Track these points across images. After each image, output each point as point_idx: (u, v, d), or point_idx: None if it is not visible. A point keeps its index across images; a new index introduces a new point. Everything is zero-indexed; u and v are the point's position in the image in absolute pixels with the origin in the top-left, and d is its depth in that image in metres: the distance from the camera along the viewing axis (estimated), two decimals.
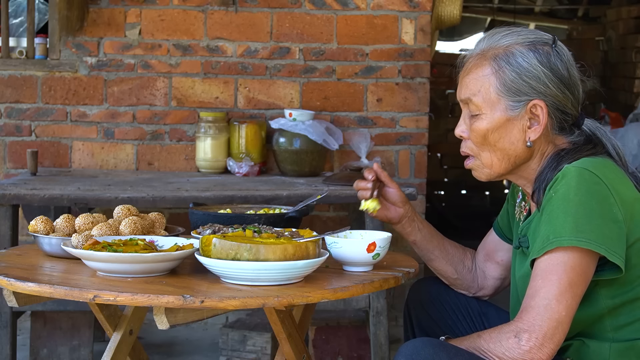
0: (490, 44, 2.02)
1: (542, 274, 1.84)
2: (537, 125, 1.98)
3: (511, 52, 1.98)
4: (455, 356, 1.84)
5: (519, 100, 1.97)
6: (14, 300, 2.13)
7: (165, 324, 1.89)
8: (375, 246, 2.12)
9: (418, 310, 2.37)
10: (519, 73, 1.96)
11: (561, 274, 1.83)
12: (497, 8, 8.46)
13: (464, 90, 2.04)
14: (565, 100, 1.99)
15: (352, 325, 3.91)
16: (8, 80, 4.37)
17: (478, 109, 2.00)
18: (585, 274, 1.85)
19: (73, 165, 4.41)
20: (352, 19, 4.43)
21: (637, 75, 6.90)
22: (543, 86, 1.96)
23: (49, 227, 2.32)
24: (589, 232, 1.83)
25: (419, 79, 4.46)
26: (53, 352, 3.71)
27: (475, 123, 2.01)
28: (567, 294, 1.82)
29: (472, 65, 2.03)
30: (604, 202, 1.86)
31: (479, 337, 1.89)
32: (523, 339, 1.80)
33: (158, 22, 4.40)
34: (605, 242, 1.83)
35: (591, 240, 1.82)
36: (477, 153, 2.05)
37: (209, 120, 4.24)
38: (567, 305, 1.82)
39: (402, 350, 1.86)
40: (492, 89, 1.98)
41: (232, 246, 1.94)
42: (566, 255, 1.83)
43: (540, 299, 1.82)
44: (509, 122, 1.99)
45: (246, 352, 3.81)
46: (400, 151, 4.48)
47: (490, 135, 2.00)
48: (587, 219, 1.84)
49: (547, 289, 1.82)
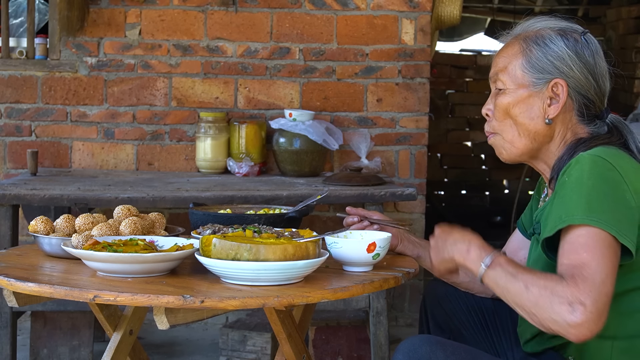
0: (524, 28, 2.14)
1: (585, 247, 1.80)
2: (557, 104, 2.05)
3: (541, 34, 2.09)
4: (452, 354, 1.85)
5: (542, 77, 2.05)
6: (14, 300, 2.13)
7: (165, 324, 1.89)
8: (375, 246, 2.12)
9: (434, 305, 2.40)
10: (544, 52, 2.06)
11: (604, 250, 1.80)
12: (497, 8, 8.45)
13: (493, 68, 2.14)
14: (588, 86, 2.06)
15: (352, 325, 3.92)
16: (8, 80, 4.37)
17: (503, 84, 2.09)
18: (613, 249, 1.83)
19: (73, 166, 4.41)
20: (352, 19, 4.43)
21: (637, 75, 6.90)
22: (566, 67, 2.04)
23: (49, 227, 2.32)
24: (601, 212, 1.83)
25: (419, 79, 4.46)
26: (53, 352, 3.72)
27: (500, 98, 2.10)
28: (614, 274, 1.81)
29: (504, 46, 2.14)
30: (617, 188, 1.87)
31: (532, 280, 1.82)
32: (578, 311, 1.74)
33: (158, 22, 4.40)
34: (617, 224, 1.83)
35: (602, 220, 1.82)
36: (500, 129, 2.11)
37: (209, 120, 4.24)
38: (613, 285, 1.80)
39: (400, 348, 1.88)
40: (518, 66, 2.07)
41: (232, 246, 1.95)
42: (592, 232, 1.82)
43: (594, 272, 1.78)
44: (531, 98, 2.06)
45: (246, 352, 3.81)
46: (400, 151, 4.48)
47: (512, 109, 2.08)
48: (600, 202, 1.84)
49: (598, 263, 1.79)
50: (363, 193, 3.66)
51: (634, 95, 6.85)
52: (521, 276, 1.84)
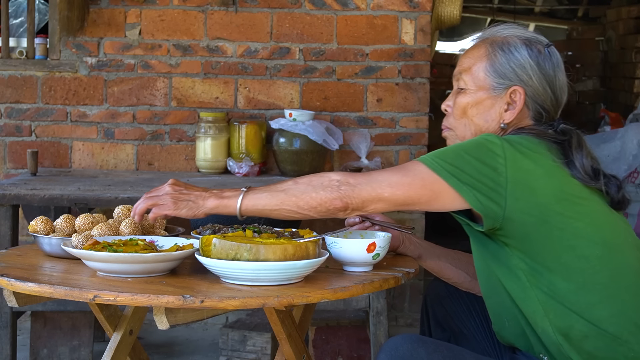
0: (492, 33, 2.20)
1: (393, 168, 1.99)
2: (513, 110, 2.12)
3: (507, 41, 2.15)
4: (434, 352, 1.87)
5: (502, 83, 2.13)
6: (14, 300, 2.13)
7: (165, 324, 1.89)
8: (375, 246, 2.12)
9: (435, 304, 2.43)
10: (508, 59, 2.12)
11: (410, 175, 1.95)
12: (497, 8, 8.46)
13: (458, 67, 2.21)
14: (545, 96, 2.13)
15: (352, 325, 3.92)
16: (8, 80, 4.37)
17: (465, 84, 2.17)
18: (439, 196, 1.95)
19: (73, 166, 4.41)
20: (352, 19, 4.43)
21: (637, 75, 6.90)
22: (526, 76, 2.11)
23: (49, 227, 2.32)
24: (448, 163, 1.94)
25: (419, 79, 4.46)
26: (53, 352, 3.72)
27: (459, 97, 2.18)
28: (404, 192, 1.95)
29: (471, 48, 2.21)
30: (488, 152, 1.94)
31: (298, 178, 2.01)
32: (342, 186, 1.95)
33: (158, 22, 4.40)
34: (461, 176, 1.93)
35: (443, 168, 1.93)
36: (455, 126, 2.20)
37: (209, 120, 4.24)
38: (395, 195, 1.95)
39: (384, 347, 1.91)
40: (482, 68, 2.15)
41: (232, 246, 1.95)
42: (422, 168, 1.96)
43: (378, 174, 1.98)
44: (489, 101, 2.14)
45: (246, 352, 3.81)
46: (400, 151, 4.48)
47: (469, 110, 2.16)
48: (455, 154, 1.96)
49: (391, 174, 1.97)
50: None
51: (634, 95, 6.85)
52: (285, 183, 2.02)
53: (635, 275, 2.00)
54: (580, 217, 1.97)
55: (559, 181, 1.98)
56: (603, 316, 1.95)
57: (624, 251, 2.01)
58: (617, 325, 1.95)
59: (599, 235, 1.98)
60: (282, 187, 2.00)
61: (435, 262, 2.37)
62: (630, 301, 1.97)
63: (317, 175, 2.00)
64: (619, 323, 1.95)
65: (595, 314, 1.95)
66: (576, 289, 1.95)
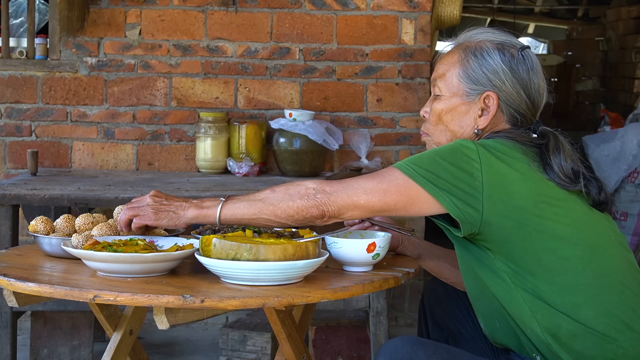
0: (466, 38, 2.21)
1: (367, 176, 2.01)
2: (487, 115, 2.13)
3: (480, 46, 2.15)
4: (433, 354, 1.87)
5: (475, 89, 2.13)
6: (14, 300, 2.13)
7: (165, 324, 1.89)
8: (375, 246, 2.12)
9: (433, 304, 2.44)
10: (480, 64, 2.13)
11: (385, 182, 1.97)
12: (497, 8, 8.46)
13: (434, 73, 2.22)
14: (520, 101, 2.13)
15: (352, 325, 3.92)
16: (8, 80, 4.37)
17: (440, 90, 2.18)
18: (415, 202, 1.96)
19: (73, 166, 4.41)
20: (352, 19, 4.43)
21: (637, 75, 6.90)
22: (499, 81, 2.12)
23: (49, 227, 2.32)
24: (423, 169, 1.95)
25: (419, 79, 4.46)
26: (53, 352, 3.72)
27: (435, 103, 2.19)
28: (380, 199, 1.97)
29: (446, 53, 2.22)
30: (463, 157, 1.95)
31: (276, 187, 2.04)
32: (319, 193, 1.98)
33: (158, 23, 4.40)
34: (437, 181, 1.94)
35: (419, 174, 1.95)
36: (431, 132, 2.21)
37: (209, 120, 4.24)
38: (370, 203, 1.97)
39: (382, 350, 1.91)
40: (455, 75, 2.16)
41: (232, 246, 1.95)
42: (398, 174, 1.97)
43: (354, 181, 1.99)
44: (463, 107, 2.15)
45: (246, 352, 3.81)
46: (400, 151, 4.48)
47: (444, 116, 2.17)
48: (430, 160, 1.97)
49: (367, 182, 1.99)
50: None
51: (633, 95, 6.85)
52: (262, 192, 2.04)
53: (620, 273, 2.00)
54: (559, 218, 1.97)
55: (535, 184, 1.98)
56: (589, 315, 1.95)
57: (607, 250, 2.01)
58: (604, 324, 1.95)
59: (579, 236, 1.98)
60: (260, 196, 2.03)
61: (434, 262, 2.37)
62: (616, 299, 1.97)
63: (294, 184, 2.03)
64: (606, 322, 1.95)
65: (582, 313, 1.95)
66: (560, 290, 1.95)
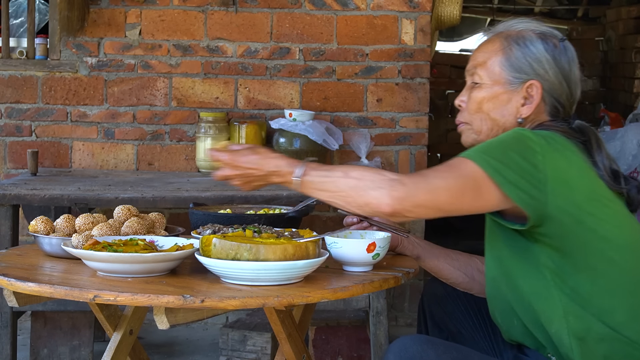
0: (506, 27, 2.18)
1: (445, 165, 1.92)
2: (530, 104, 2.10)
3: (522, 35, 2.13)
4: (443, 353, 1.86)
5: (518, 77, 2.11)
6: (14, 300, 2.13)
7: (165, 324, 1.89)
8: (375, 246, 2.12)
9: (432, 305, 2.42)
10: (524, 53, 2.11)
11: (459, 174, 1.89)
12: (496, 8, 8.45)
13: (472, 62, 2.18)
14: (561, 91, 2.11)
15: (352, 325, 3.92)
16: (8, 80, 4.37)
17: (480, 78, 2.14)
18: (483, 193, 1.89)
19: (73, 166, 4.41)
20: (352, 19, 4.43)
21: (637, 75, 6.90)
22: (543, 70, 2.10)
23: (49, 227, 2.32)
24: (493, 159, 1.89)
25: (419, 79, 4.46)
26: (53, 352, 3.72)
27: (474, 92, 2.15)
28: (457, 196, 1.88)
29: (485, 42, 2.19)
30: (527, 149, 1.91)
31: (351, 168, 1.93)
32: (395, 181, 1.86)
33: (158, 23, 4.40)
34: (506, 174, 1.88)
35: (490, 165, 1.88)
36: (470, 120, 2.17)
37: (209, 120, 4.24)
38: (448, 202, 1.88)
39: (391, 348, 1.89)
40: (497, 62, 2.12)
41: (232, 246, 1.95)
42: (469, 165, 1.90)
43: (434, 176, 1.89)
44: (505, 96, 2.12)
45: (246, 352, 3.81)
46: (400, 151, 4.48)
47: (485, 104, 2.13)
48: (499, 151, 1.91)
49: (446, 176, 1.89)
50: None
51: (633, 95, 6.85)
52: (338, 168, 1.95)
53: None
54: (609, 219, 1.95)
55: (590, 181, 1.96)
56: (622, 321, 1.93)
57: None
58: (635, 331, 1.94)
59: (624, 239, 1.96)
60: (336, 174, 1.93)
61: (433, 263, 2.37)
62: None
63: (373, 171, 1.92)
64: (637, 328, 1.94)
65: (615, 318, 1.93)
66: (599, 292, 1.94)
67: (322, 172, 1.96)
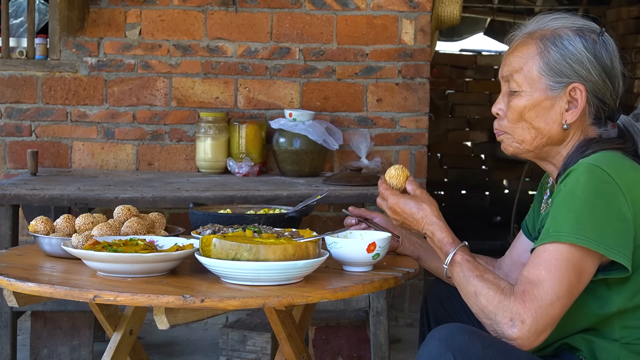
0: (539, 26, 2.05)
1: (546, 265, 1.83)
2: (575, 109, 2.00)
3: (558, 34, 2.01)
4: (489, 346, 1.81)
5: (560, 81, 1.99)
6: (14, 300, 2.13)
7: (165, 324, 1.89)
8: (375, 246, 2.12)
9: (435, 305, 2.40)
10: (563, 55, 1.99)
11: (564, 272, 1.82)
12: (497, 8, 8.45)
13: (506, 67, 2.06)
14: (605, 90, 2.01)
15: (352, 325, 3.91)
16: (8, 80, 4.37)
17: (518, 85, 2.02)
18: (585, 273, 1.84)
19: (73, 166, 4.41)
20: (352, 19, 4.43)
21: (637, 75, 6.90)
22: (585, 71, 1.98)
23: (49, 227, 2.32)
24: (590, 230, 1.82)
25: (419, 79, 4.46)
26: (53, 352, 3.72)
27: (514, 100, 2.03)
28: (568, 297, 1.83)
29: (518, 44, 2.06)
30: (612, 201, 1.84)
31: (481, 288, 1.89)
32: (516, 326, 1.81)
33: (158, 23, 4.40)
34: (606, 240, 1.82)
35: (590, 238, 1.82)
36: (512, 130, 2.06)
37: (209, 120, 4.24)
38: (564, 307, 1.83)
39: (436, 334, 1.83)
40: (535, 68, 2.00)
41: (232, 246, 1.95)
42: (569, 252, 1.83)
43: (545, 292, 1.81)
44: (547, 102, 2.00)
45: (246, 352, 3.81)
46: (400, 151, 4.48)
47: (527, 113, 2.02)
48: (590, 217, 1.83)
49: (553, 284, 1.81)
50: (363, 193, 3.66)
51: (634, 95, 6.85)
52: (473, 281, 1.91)
53: None
54: None
55: None
56: None
57: None
58: None
59: None
60: (473, 282, 1.92)
61: (435, 263, 2.36)
62: None
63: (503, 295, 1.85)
64: None
65: None
66: None
67: (461, 274, 1.95)
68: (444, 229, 2.03)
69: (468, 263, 1.96)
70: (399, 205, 2.10)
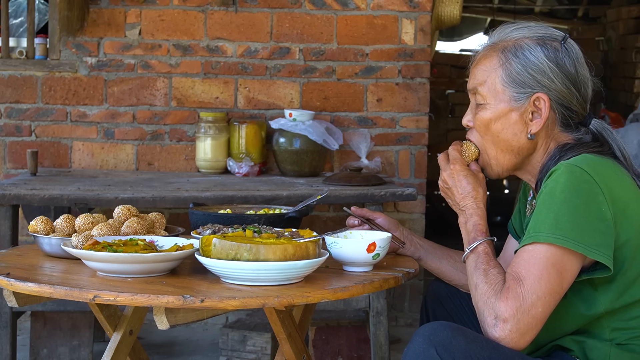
0: (501, 37, 2.07)
1: (525, 265, 1.85)
2: (539, 119, 2.01)
3: (519, 45, 2.02)
4: (473, 342, 1.82)
5: (522, 92, 2.01)
6: (14, 301, 2.13)
7: (165, 324, 1.89)
8: (375, 246, 2.12)
9: (435, 305, 2.40)
10: (524, 65, 2.00)
11: (543, 271, 1.84)
12: (497, 8, 8.46)
13: (472, 80, 2.09)
14: (570, 97, 2.02)
15: (352, 325, 3.91)
16: (8, 80, 4.37)
17: (483, 98, 2.05)
18: (566, 273, 1.85)
19: (73, 166, 4.41)
20: (352, 19, 4.43)
21: (637, 75, 6.90)
22: (548, 80, 1.99)
23: (49, 227, 2.32)
24: (569, 230, 1.83)
25: (419, 79, 4.46)
26: (53, 352, 3.72)
27: (480, 112, 2.06)
28: (551, 296, 1.84)
29: (481, 57, 2.08)
30: (591, 201, 1.86)
31: (482, 281, 1.91)
32: (498, 326, 1.83)
33: (158, 22, 4.40)
34: (586, 239, 1.83)
35: (569, 238, 1.83)
36: (482, 145, 2.10)
37: (209, 120, 4.24)
38: (547, 306, 1.84)
39: (421, 331, 1.85)
40: (498, 80, 2.02)
41: (232, 246, 1.95)
42: (548, 251, 1.84)
43: (526, 292, 1.83)
44: (512, 113, 2.03)
45: (246, 352, 3.81)
46: (400, 151, 4.48)
47: (492, 125, 2.05)
48: (569, 217, 1.84)
49: (533, 284, 1.83)
50: (363, 193, 3.66)
51: (634, 95, 6.85)
52: (478, 273, 1.93)
53: None
54: None
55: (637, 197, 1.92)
56: None
57: None
58: None
59: None
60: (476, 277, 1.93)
61: (435, 264, 2.36)
62: None
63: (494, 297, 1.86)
64: None
65: None
66: None
67: (473, 264, 1.97)
68: (483, 217, 2.06)
69: (485, 256, 1.97)
70: (461, 174, 2.11)
